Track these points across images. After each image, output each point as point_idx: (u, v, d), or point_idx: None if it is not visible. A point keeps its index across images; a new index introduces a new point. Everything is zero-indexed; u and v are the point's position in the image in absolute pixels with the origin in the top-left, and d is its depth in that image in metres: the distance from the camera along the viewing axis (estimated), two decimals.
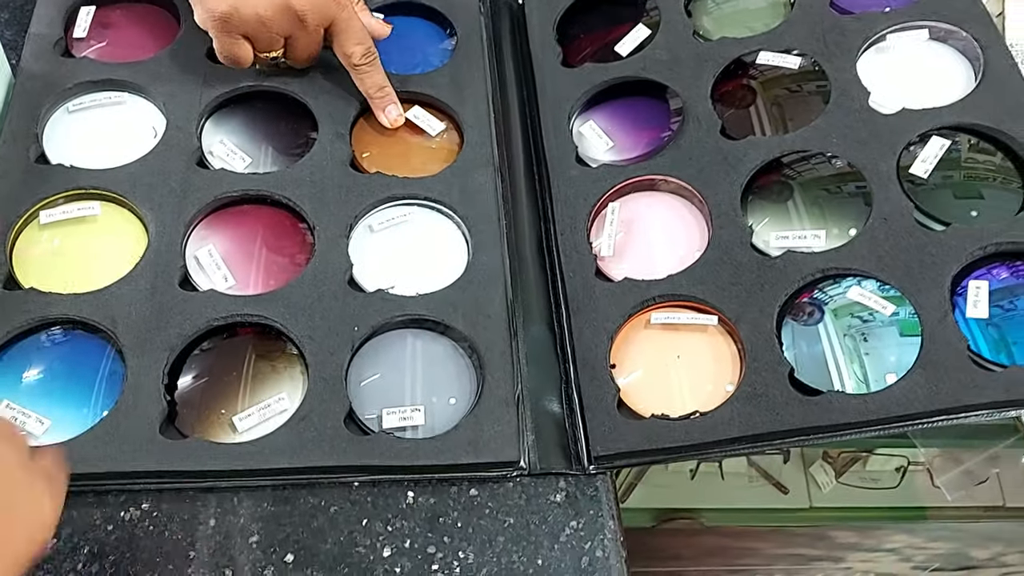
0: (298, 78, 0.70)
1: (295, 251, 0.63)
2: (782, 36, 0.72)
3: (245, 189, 0.64)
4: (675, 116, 0.71)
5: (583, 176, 0.68)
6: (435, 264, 0.64)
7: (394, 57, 0.74)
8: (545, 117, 0.71)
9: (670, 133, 0.70)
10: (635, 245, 0.65)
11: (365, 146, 0.69)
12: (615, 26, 0.77)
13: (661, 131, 0.71)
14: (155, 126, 0.67)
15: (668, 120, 0.71)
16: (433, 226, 0.66)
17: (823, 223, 0.64)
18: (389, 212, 0.66)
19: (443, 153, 0.70)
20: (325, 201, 0.65)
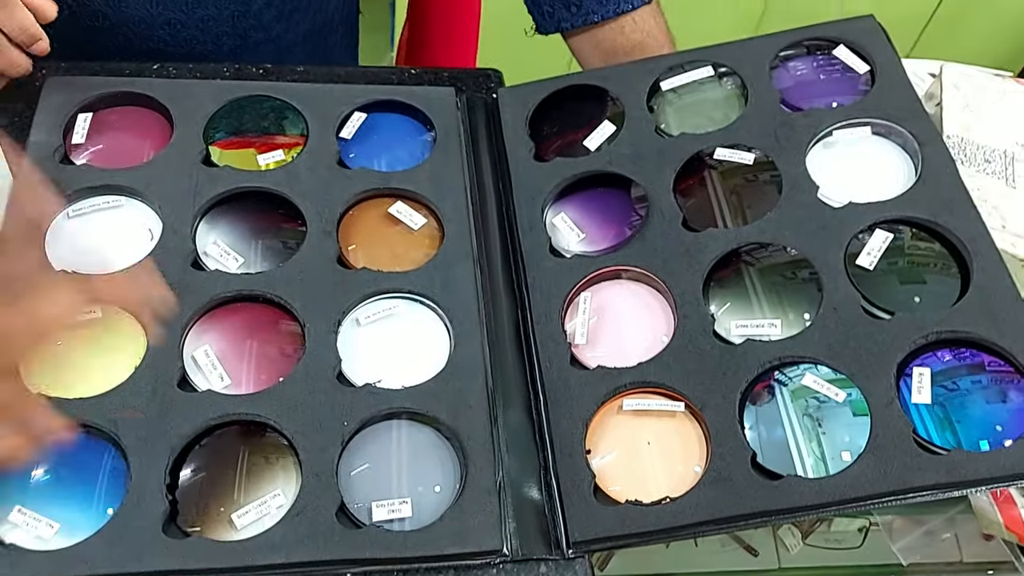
0: (287, 180, 0.74)
1: (285, 347, 0.67)
2: (737, 131, 0.77)
3: (239, 289, 0.68)
4: (638, 203, 0.76)
5: (557, 267, 0.72)
6: (419, 356, 0.68)
7: (380, 153, 0.79)
8: (520, 209, 0.76)
9: (637, 220, 0.75)
10: (606, 332, 0.70)
11: (351, 239, 0.74)
12: (583, 120, 0.82)
13: (628, 218, 0.76)
14: (151, 228, 0.71)
15: (632, 208, 0.76)
16: (417, 318, 0.70)
17: (780, 308, 0.69)
18: (375, 306, 0.70)
19: (425, 241, 0.74)
20: (314, 298, 0.69)
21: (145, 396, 0.62)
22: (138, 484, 0.59)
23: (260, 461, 0.63)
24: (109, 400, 0.62)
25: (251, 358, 0.66)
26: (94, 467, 0.61)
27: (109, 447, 0.61)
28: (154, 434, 0.61)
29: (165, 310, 0.62)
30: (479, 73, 0.90)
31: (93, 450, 0.61)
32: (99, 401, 0.62)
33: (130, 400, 0.62)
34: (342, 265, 0.71)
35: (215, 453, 0.62)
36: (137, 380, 0.63)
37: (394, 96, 0.81)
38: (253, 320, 0.68)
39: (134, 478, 0.59)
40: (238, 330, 0.68)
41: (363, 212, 0.75)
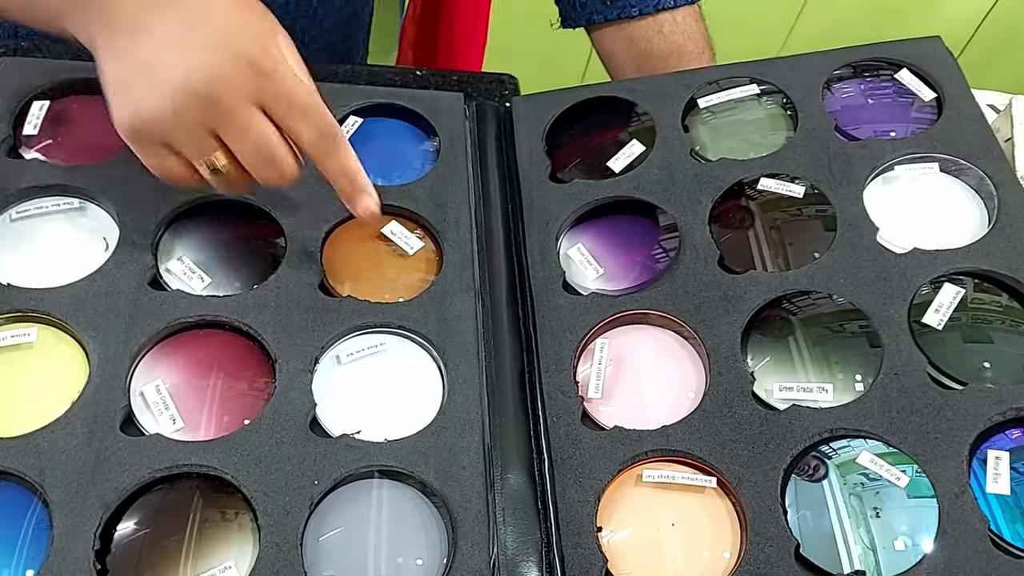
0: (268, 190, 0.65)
1: (252, 386, 0.58)
2: (784, 159, 0.68)
3: (202, 314, 0.59)
4: (667, 236, 0.66)
5: (571, 306, 0.63)
6: (407, 403, 0.58)
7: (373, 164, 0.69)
8: (531, 237, 0.66)
9: (665, 256, 0.65)
10: (625, 385, 0.60)
11: (336, 262, 0.64)
12: (608, 138, 0.73)
13: (655, 253, 0.66)
14: (107, 238, 0.62)
15: (660, 242, 0.67)
16: (407, 359, 0.60)
17: (827, 368, 0.59)
18: (360, 341, 0.60)
19: (421, 267, 0.65)
20: (289, 329, 0.59)
21: (80, 439, 0.53)
22: (61, 547, 0.49)
23: (216, 517, 0.53)
24: (35, 441, 0.52)
25: (211, 398, 0.57)
26: (17, 519, 0.51)
27: (34, 499, 0.52)
28: (86, 486, 0.51)
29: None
30: (492, 78, 0.81)
31: (16, 499, 0.52)
32: (24, 442, 0.52)
33: (61, 443, 0.52)
34: (324, 292, 0.62)
35: (159, 511, 0.52)
36: (72, 419, 0.53)
37: (394, 100, 0.72)
38: (216, 352, 0.58)
39: (56, 540, 0.49)
40: (198, 363, 0.58)
41: (352, 231, 0.66)
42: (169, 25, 0.53)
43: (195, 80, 0.52)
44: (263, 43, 0.53)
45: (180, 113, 0.52)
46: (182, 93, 0.52)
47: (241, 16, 0.54)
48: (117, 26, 0.53)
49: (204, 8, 0.54)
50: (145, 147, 0.55)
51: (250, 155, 0.54)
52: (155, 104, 0.52)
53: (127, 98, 0.53)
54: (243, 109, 0.53)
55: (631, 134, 0.72)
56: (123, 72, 0.53)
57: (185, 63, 0.52)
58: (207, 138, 0.54)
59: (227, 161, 0.55)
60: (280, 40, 0.55)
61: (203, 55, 0.52)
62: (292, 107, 0.54)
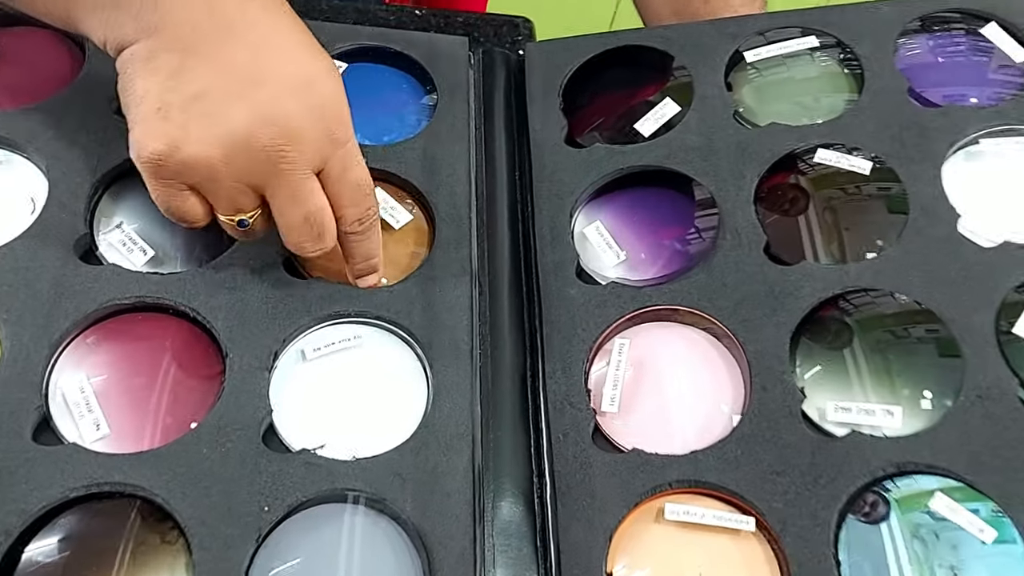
0: None
1: (197, 385, 0.48)
2: (847, 127, 0.57)
3: (141, 295, 0.49)
4: (703, 216, 0.56)
5: (585, 297, 0.52)
6: (383, 411, 0.48)
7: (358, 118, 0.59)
8: (541, 212, 0.56)
9: (700, 239, 0.55)
10: (648, 397, 0.50)
11: None
12: (637, 95, 0.62)
13: (684, 232, 0.56)
14: (34, 197, 0.52)
15: (692, 218, 0.56)
16: (385, 356, 0.50)
17: (887, 381, 0.49)
18: (330, 333, 0.50)
19: (408, 244, 0.55)
20: (246, 316, 0.49)
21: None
22: None
23: (154, 541, 0.44)
24: None
25: (147, 399, 0.47)
26: None
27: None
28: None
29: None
30: (502, 20, 0.70)
31: None
32: None
33: None
34: (290, 271, 0.52)
35: (81, 535, 0.43)
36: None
37: (386, 43, 0.61)
38: (157, 342, 0.49)
39: None
40: (133, 355, 0.48)
41: None
42: (236, 49, 0.43)
43: (259, 130, 0.43)
44: (339, 104, 0.46)
45: (230, 163, 0.43)
46: (240, 141, 0.43)
47: (315, 62, 0.46)
48: (168, 33, 0.43)
49: (274, 40, 0.45)
50: (165, 183, 0.45)
51: (297, 226, 0.46)
52: (202, 145, 0.43)
53: (166, 126, 0.42)
54: (304, 176, 0.45)
55: (664, 92, 0.60)
56: (168, 93, 0.43)
57: (251, 106, 0.43)
58: (248, 194, 0.45)
59: (263, 223, 0.47)
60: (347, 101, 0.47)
61: (274, 101, 0.43)
62: (351, 188, 0.47)
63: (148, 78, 0.43)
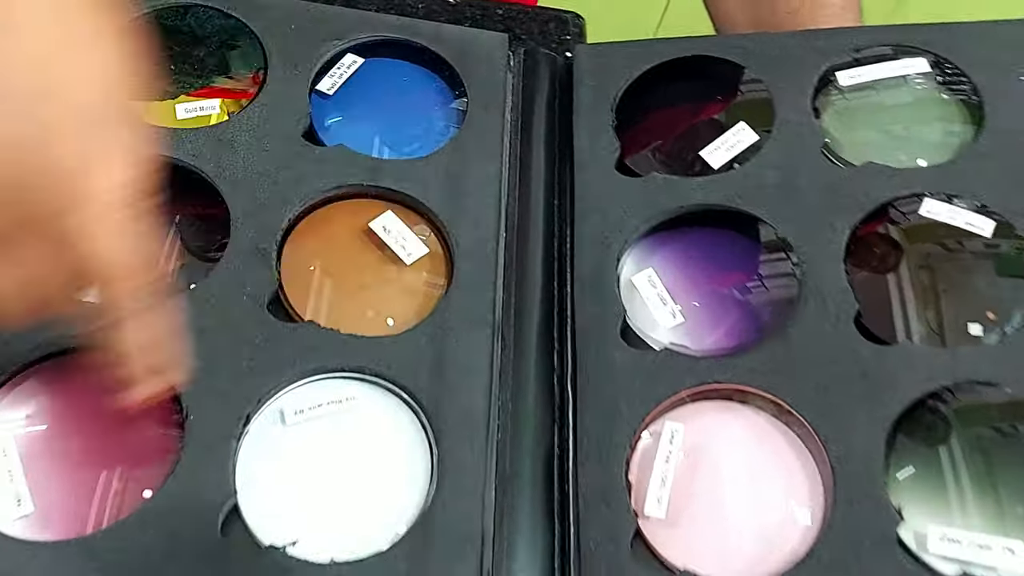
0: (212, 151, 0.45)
1: (147, 452, 0.39)
2: (962, 172, 0.47)
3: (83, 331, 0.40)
4: (775, 271, 0.46)
5: (630, 364, 0.43)
6: (373, 497, 0.39)
7: (371, 124, 0.50)
8: (582, 252, 0.46)
9: (769, 300, 0.45)
10: (703, 499, 0.40)
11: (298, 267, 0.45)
12: (698, 107, 0.52)
13: (746, 279, 0.46)
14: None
15: (755, 262, 0.46)
16: (382, 423, 0.41)
17: (995, 498, 0.39)
18: (318, 391, 0.41)
19: (420, 284, 0.45)
20: (215, 366, 0.40)
21: None
22: None
23: None
24: None
25: (84, 466, 0.38)
26: None
27: None
28: None
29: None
30: (549, 16, 0.60)
31: None
32: None
33: None
34: (277, 313, 0.43)
35: None
36: None
37: (411, 36, 0.52)
38: (102, 392, 0.40)
39: None
40: (71, 409, 0.39)
41: (328, 223, 0.46)
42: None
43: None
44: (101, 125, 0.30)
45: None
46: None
47: (71, 53, 0.30)
48: None
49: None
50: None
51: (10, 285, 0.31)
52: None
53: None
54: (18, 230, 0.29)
55: (738, 114, 0.51)
56: None
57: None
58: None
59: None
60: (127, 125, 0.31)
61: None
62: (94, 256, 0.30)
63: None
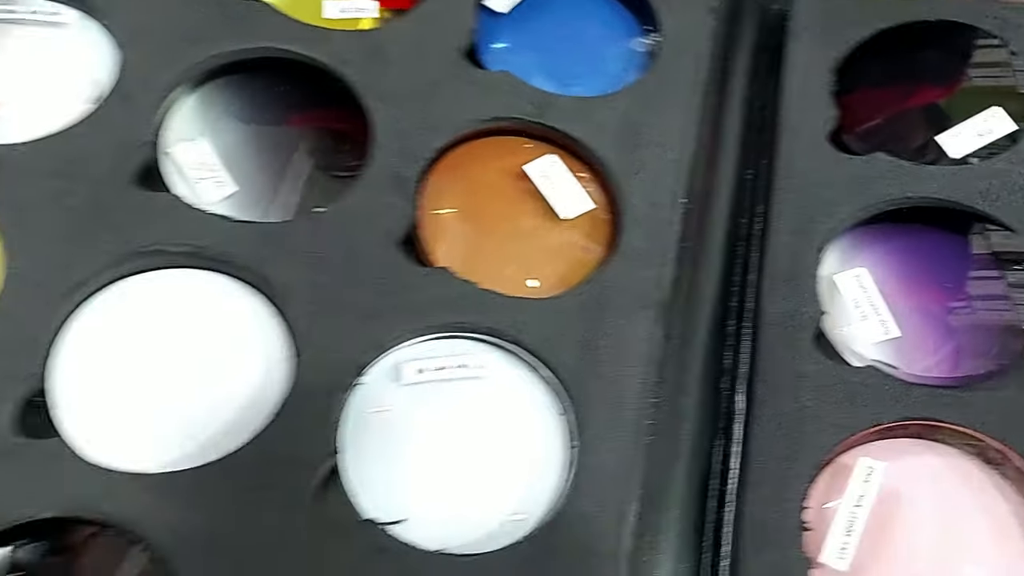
0: (363, 57, 0.39)
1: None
2: None
3: (196, 244, 0.35)
4: (1010, 271, 0.37)
5: (823, 378, 0.34)
6: (496, 482, 0.33)
7: (547, 54, 0.43)
8: (777, 235, 0.38)
9: (995, 317, 0.36)
10: (896, 556, 0.32)
11: (441, 202, 0.38)
12: (943, 84, 0.43)
13: (978, 296, 0.37)
14: (100, 79, 0.38)
15: (992, 277, 0.37)
16: (515, 399, 0.34)
17: None
18: (443, 350, 0.35)
19: (577, 243, 0.38)
20: (329, 303, 0.34)
21: None
22: None
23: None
24: None
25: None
26: None
27: None
28: None
29: None
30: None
31: None
32: None
33: None
34: (409, 253, 0.37)
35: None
36: None
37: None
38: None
39: None
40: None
41: (478, 158, 0.39)
42: None
43: None
44: None
45: None
46: None
47: None
48: None
49: None
50: None
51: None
52: None
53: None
54: None
55: (989, 94, 0.41)
56: None
57: None
58: None
59: None
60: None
61: None
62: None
63: None
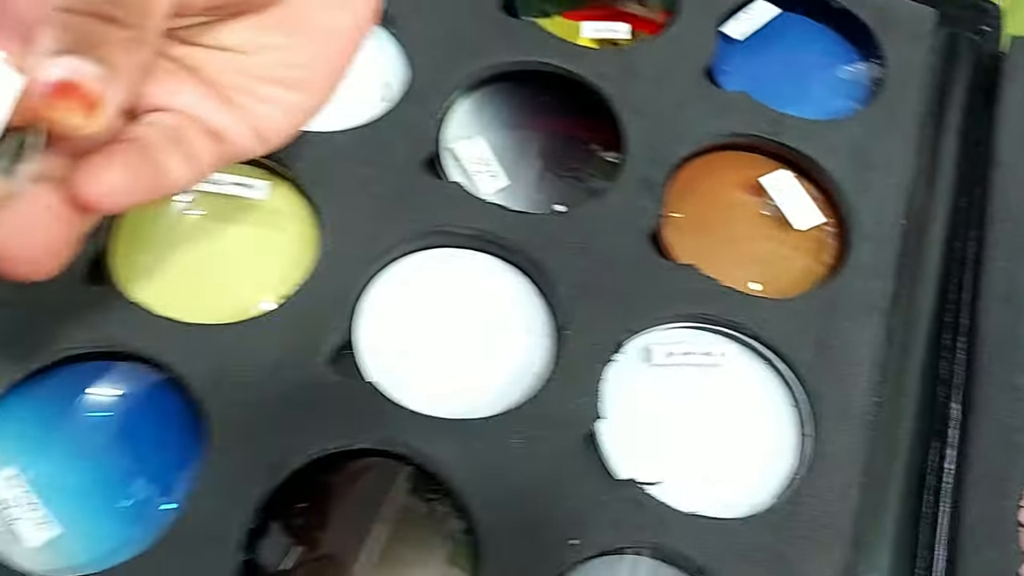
0: (616, 73, 0.44)
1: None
2: None
3: (480, 228, 0.40)
4: None
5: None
6: (737, 459, 0.37)
7: (777, 79, 0.47)
8: (992, 260, 0.41)
9: None
10: None
11: (681, 206, 0.43)
12: None
13: None
14: (391, 82, 0.44)
15: None
16: (752, 388, 0.38)
17: None
18: (687, 338, 0.39)
19: (807, 252, 0.42)
20: (593, 286, 0.39)
21: (275, 351, 0.36)
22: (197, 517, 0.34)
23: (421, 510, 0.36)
24: (219, 338, 0.36)
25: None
26: (168, 421, 0.36)
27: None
28: (264, 418, 0.35)
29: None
30: (967, 1, 0.54)
31: (173, 399, 0.37)
32: (202, 335, 0.37)
33: (247, 352, 0.36)
34: (657, 249, 0.41)
35: (336, 495, 0.36)
36: (271, 323, 0.37)
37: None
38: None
39: (206, 479, 0.34)
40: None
41: (716, 169, 0.44)
42: None
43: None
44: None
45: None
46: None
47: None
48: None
49: None
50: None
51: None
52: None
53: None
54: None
55: None
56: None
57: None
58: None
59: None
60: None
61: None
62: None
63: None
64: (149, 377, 0.36)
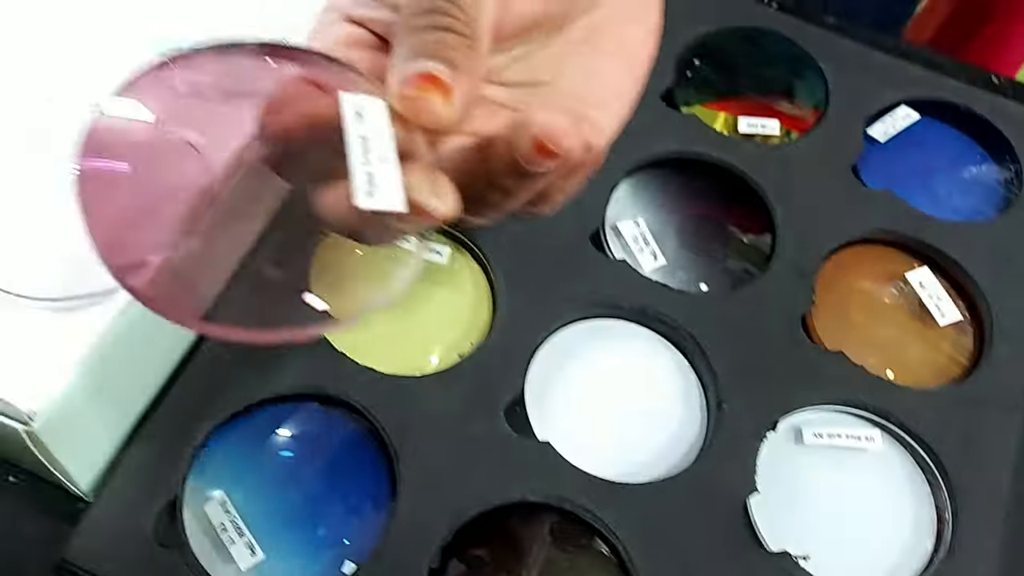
0: (772, 169, 0.47)
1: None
2: None
3: (640, 304, 0.43)
4: None
5: None
6: (873, 541, 0.39)
7: (917, 181, 0.50)
8: None
9: None
10: None
11: (829, 298, 0.45)
12: None
13: None
14: None
15: None
16: (893, 473, 0.41)
17: None
18: (838, 420, 0.42)
19: (945, 346, 0.44)
20: (749, 365, 0.42)
21: (455, 405, 0.40)
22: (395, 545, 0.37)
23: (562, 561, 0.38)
24: (403, 388, 0.40)
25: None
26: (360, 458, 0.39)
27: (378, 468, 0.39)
28: (443, 475, 0.38)
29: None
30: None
31: (365, 443, 0.40)
32: (391, 385, 0.40)
33: (431, 404, 0.40)
34: (806, 333, 0.44)
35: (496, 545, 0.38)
36: (449, 378, 0.41)
37: (970, 102, 0.51)
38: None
39: (395, 530, 0.37)
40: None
41: (861, 262, 0.46)
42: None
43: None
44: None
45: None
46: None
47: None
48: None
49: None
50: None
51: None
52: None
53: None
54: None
55: None
56: None
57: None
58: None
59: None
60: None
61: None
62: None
63: None
64: (346, 420, 0.39)
